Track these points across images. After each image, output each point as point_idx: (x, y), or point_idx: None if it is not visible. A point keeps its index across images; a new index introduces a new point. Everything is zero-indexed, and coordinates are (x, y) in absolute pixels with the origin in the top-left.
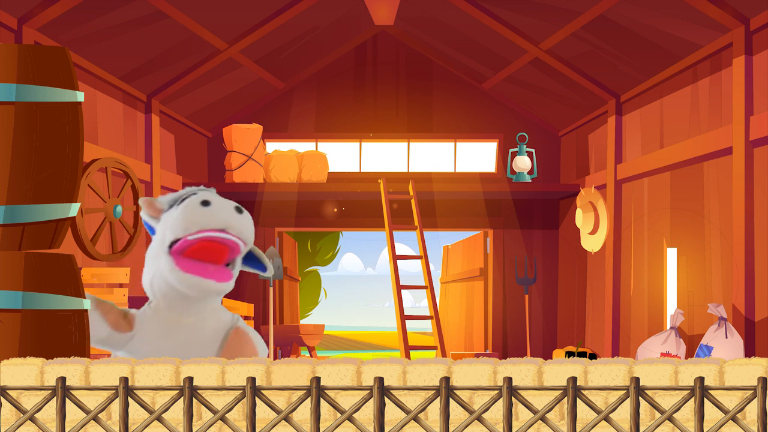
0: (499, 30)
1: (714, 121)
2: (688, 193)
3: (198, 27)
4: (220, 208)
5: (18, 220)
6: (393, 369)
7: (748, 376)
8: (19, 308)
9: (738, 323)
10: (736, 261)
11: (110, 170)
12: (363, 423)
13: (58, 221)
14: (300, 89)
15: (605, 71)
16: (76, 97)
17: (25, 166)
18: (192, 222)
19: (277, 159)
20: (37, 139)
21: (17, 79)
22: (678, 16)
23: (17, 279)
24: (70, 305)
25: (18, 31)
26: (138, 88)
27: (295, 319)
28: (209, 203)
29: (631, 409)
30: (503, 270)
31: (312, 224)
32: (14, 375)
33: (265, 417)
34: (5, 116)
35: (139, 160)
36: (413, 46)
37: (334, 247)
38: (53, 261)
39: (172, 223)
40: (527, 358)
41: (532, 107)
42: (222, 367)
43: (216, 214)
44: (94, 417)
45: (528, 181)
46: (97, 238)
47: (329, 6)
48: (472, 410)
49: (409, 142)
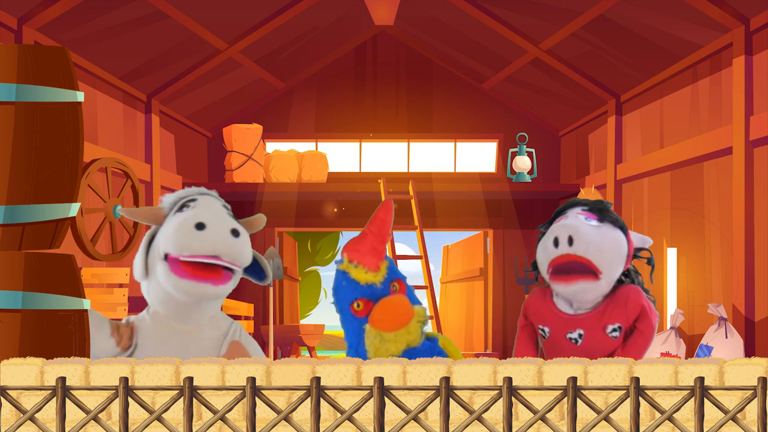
0: (499, 30)
1: (714, 121)
2: (688, 193)
3: (198, 27)
4: (215, 233)
5: (18, 220)
6: (393, 369)
7: (748, 376)
8: (19, 308)
9: (738, 323)
10: (736, 261)
11: (110, 170)
12: (363, 423)
13: (58, 221)
14: (300, 89)
15: (605, 71)
16: (76, 97)
17: (25, 166)
18: (184, 246)
19: (277, 159)
20: (37, 139)
21: (17, 79)
22: (678, 16)
23: (17, 279)
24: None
25: (18, 31)
26: (138, 88)
27: (295, 319)
28: (204, 226)
29: (631, 409)
30: (503, 270)
31: (312, 224)
32: (14, 375)
33: (265, 417)
34: (5, 116)
35: (139, 160)
36: (413, 46)
37: (334, 247)
38: (53, 261)
39: (166, 237)
40: (527, 358)
41: (532, 107)
42: (222, 367)
43: (209, 241)
44: (94, 417)
45: (528, 181)
46: (97, 238)
47: (329, 6)
48: (472, 410)
49: (409, 142)
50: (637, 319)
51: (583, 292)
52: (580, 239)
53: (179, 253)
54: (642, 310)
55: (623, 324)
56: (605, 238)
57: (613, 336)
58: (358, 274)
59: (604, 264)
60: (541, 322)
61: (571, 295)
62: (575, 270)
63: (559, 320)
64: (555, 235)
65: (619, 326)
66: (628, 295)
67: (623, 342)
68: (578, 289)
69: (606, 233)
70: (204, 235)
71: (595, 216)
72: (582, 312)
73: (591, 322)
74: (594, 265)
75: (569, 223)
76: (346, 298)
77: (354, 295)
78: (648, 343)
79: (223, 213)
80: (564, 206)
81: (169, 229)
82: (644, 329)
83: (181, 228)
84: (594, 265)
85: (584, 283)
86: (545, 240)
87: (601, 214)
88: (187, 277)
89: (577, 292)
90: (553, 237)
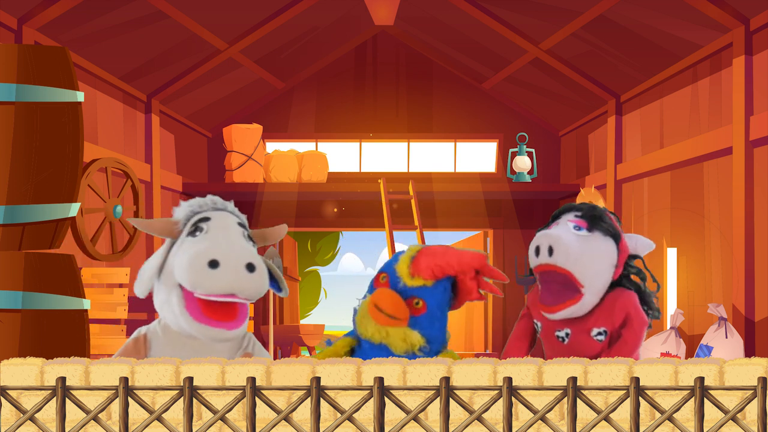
0: (499, 30)
1: (714, 121)
2: (688, 193)
3: (198, 27)
4: (229, 271)
5: (18, 220)
6: (393, 369)
7: (748, 376)
8: (19, 308)
9: (738, 323)
10: (736, 261)
11: (110, 170)
12: (363, 423)
13: (58, 221)
14: (300, 89)
15: (605, 71)
16: (76, 97)
17: (25, 166)
18: (198, 283)
19: (277, 159)
20: (37, 139)
21: (17, 79)
22: (678, 16)
23: (17, 279)
24: (70, 305)
25: (18, 31)
26: (138, 88)
27: (295, 319)
28: (217, 264)
29: (631, 409)
30: (503, 270)
31: (312, 224)
32: (14, 375)
33: (265, 417)
34: (5, 116)
35: (139, 160)
36: (413, 46)
37: (334, 247)
38: (53, 261)
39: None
40: (527, 358)
41: (532, 107)
42: (222, 367)
43: (223, 280)
44: (94, 417)
45: (528, 181)
46: (97, 238)
47: (329, 6)
48: (472, 410)
49: (409, 142)
50: (622, 325)
51: (571, 314)
52: (559, 250)
53: (193, 290)
54: (627, 317)
55: (608, 328)
56: (589, 249)
57: (598, 339)
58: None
59: (585, 276)
60: (535, 316)
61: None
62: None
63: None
64: (537, 243)
65: (604, 330)
66: (616, 300)
67: (608, 347)
68: (564, 315)
69: (592, 243)
70: (218, 274)
71: (585, 224)
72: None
73: (578, 324)
74: (574, 277)
75: (552, 232)
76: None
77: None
78: (632, 351)
79: (238, 239)
80: (559, 211)
81: (183, 263)
82: (628, 337)
83: (194, 265)
84: (574, 277)
85: (567, 309)
86: (531, 245)
87: (592, 222)
88: (201, 319)
89: (564, 317)
90: (535, 246)
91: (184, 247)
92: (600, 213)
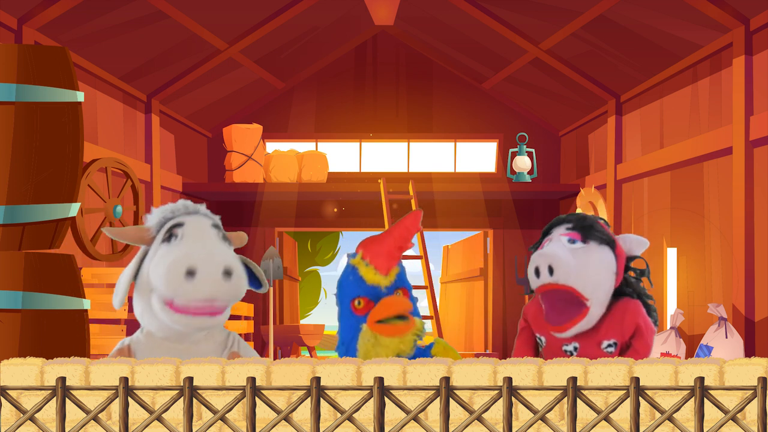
0: (499, 30)
1: (714, 121)
2: (688, 193)
3: (198, 27)
4: (206, 279)
5: (18, 220)
6: (393, 369)
7: (748, 376)
8: (19, 308)
9: (738, 323)
10: (736, 261)
11: (110, 170)
12: (363, 423)
13: (58, 221)
14: (300, 89)
15: (605, 71)
16: (76, 97)
17: (25, 166)
18: (176, 293)
19: (277, 159)
20: (37, 139)
21: (17, 79)
22: (678, 16)
23: (17, 279)
24: (70, 305)
25: (18, 31)
26: (138, 88)
27: (295, 319)
28: (194, 273)
29: (631, 409)
30: (503, 270)
31: (312, 224)
32: (14, 375)
33: (265, 417)
34: (5, 116)
35: (139, 160)
36: (413, 46)
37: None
38: (53, 261)
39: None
40: (527, 358)
41: (532, 107)
42: (222, 367)
43: (201, 288)
44: (94, 417)
45: (528, 181)
46: (97, 238)
47: (329, 6)
48: (472, 410)
49: (409, 142)
50: (632, 336)
51: (580, 329)
52: (559, 268)
53: (172, 299)
54: (638, 328)
55: (619, 340)
56: (589, 262)
57: (608, 351)
58: (367, 272)
59: (588, 289)
60: (538, 331)
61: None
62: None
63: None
64: (536, 264)
65: (614, 342)
66: (625, 311)
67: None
68: (574, 331)
69: (590, 255)
70: (196, 284)
71: (578, 235)
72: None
73: (586, 337)
74: (578, 292)
75: (549, 251)
76: (349, 293)
77: (357, 292)
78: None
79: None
80: (549, 226)
81: (160, 272)
82: (639, 348)
83: (171, 273)
84: (578, 292)
85: (577, 326)
86: (529, 267)
87: (585, 233)
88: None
89: (574, 333)
90: (534, 267)
91: (160, 254)
92: (591, 222)
